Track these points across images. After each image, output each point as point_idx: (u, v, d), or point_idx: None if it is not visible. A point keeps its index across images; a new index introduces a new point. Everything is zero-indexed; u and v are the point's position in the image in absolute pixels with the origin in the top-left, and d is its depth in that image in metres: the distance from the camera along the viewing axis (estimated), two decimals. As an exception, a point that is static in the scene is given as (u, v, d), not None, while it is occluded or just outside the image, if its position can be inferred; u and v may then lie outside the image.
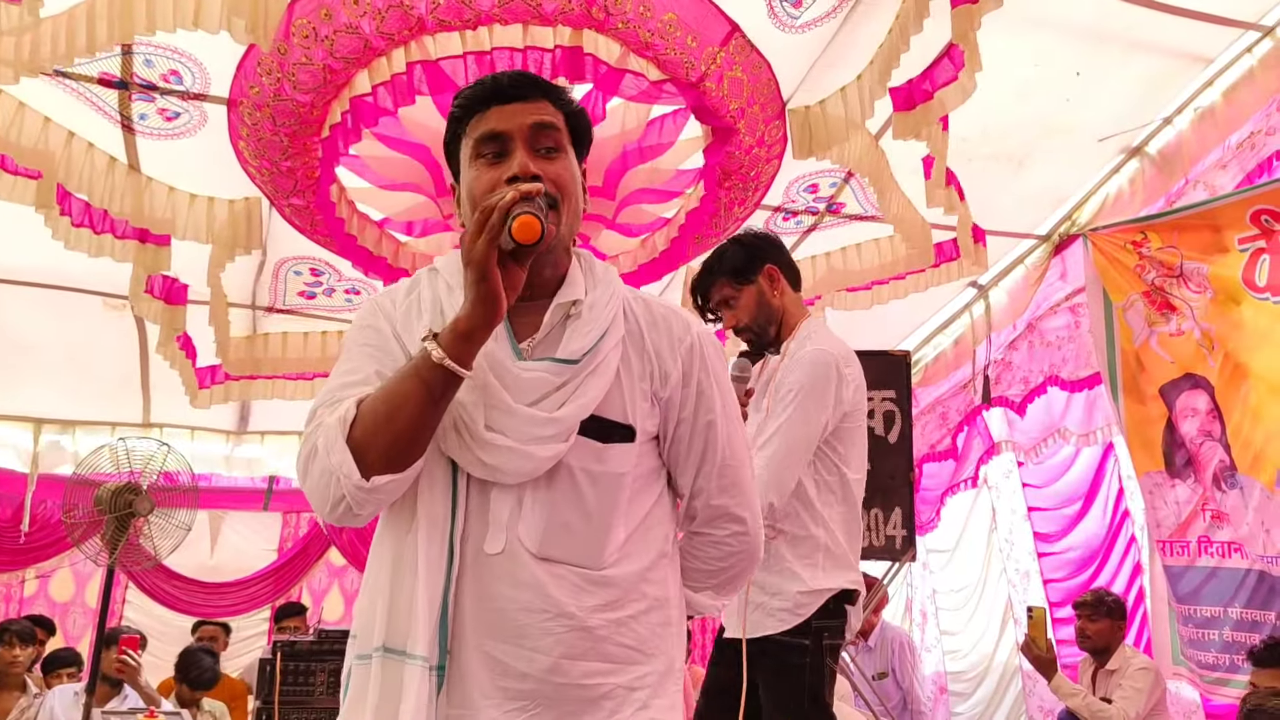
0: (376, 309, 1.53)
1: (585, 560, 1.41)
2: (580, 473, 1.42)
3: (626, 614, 1.43)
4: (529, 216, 1.30)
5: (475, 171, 1.47)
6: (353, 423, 1.35)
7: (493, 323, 1.34)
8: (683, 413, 1.53)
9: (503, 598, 1.38)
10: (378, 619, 1.39)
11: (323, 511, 1.40)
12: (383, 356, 1.47)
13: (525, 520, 1.40)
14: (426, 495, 1.40)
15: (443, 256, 1.57)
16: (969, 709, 7.14)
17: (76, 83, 3.87)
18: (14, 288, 5.22)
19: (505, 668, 1.37)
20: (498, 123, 1.46)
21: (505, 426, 1.38)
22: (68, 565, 7.25)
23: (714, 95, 3.81)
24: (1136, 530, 5.74)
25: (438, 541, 1.38)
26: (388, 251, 4.63)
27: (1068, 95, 4.39)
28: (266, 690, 4.44)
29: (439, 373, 1.32)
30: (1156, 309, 4.60)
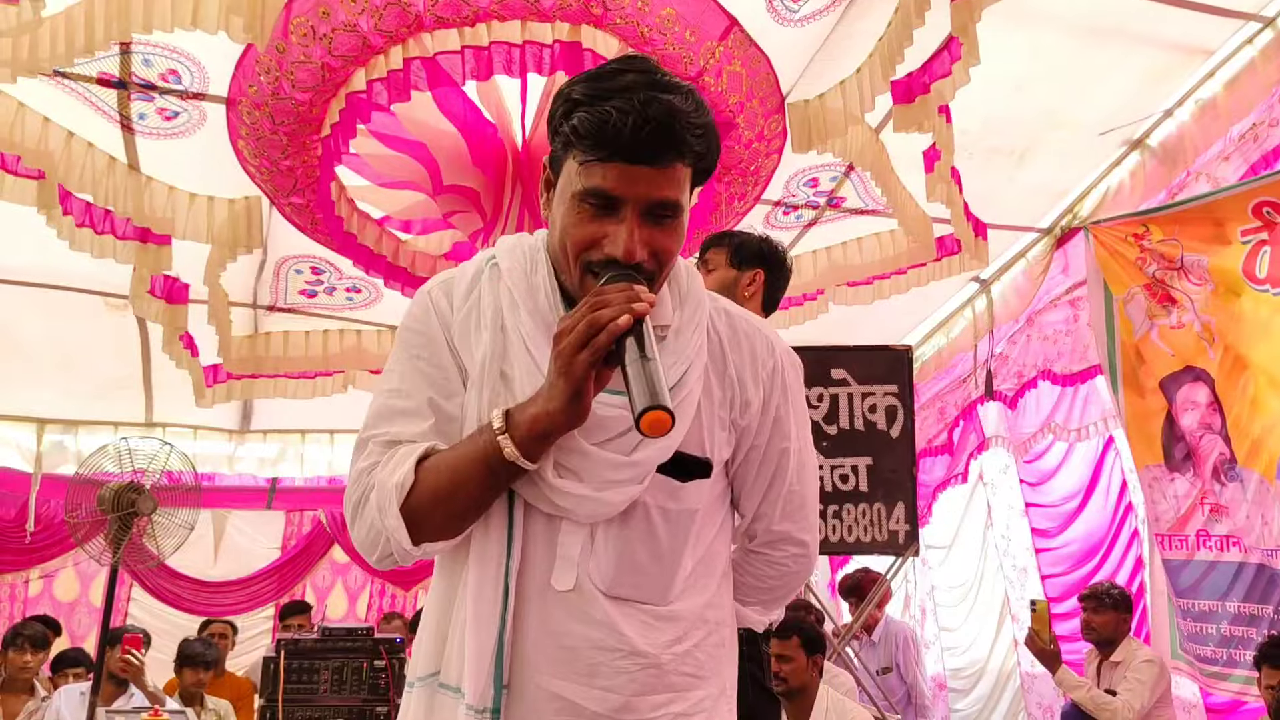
0: (430, 309, 1.40)
1: (653, 598, 1.36)
2: (655, 510, 1.35)
3: (691, 644, 1.38)
4: (662, 415, 1.15)
5: (575, 214, 1.30)
6: (409, 491, 1.29)
7: (574, 427, 1.26)
8: (757, 439, 1.45)
9: (573, 635, 1.32)
10: (428, 647, 1.36)
11: (369, 557, 1.37)
12: (437, 377, 1.37)
13: (596, 558, 1.33)
14: (481, 532, 1.33)
15: (506, 247, 1.42)
16: (968, 705, 7.14)
17: (75, 83, 3.87)
18: (15, 288, 5.23)
19: (574, 707, 1.31)
20: (615, 186, 1.26)
21: (578, 468, 1.30)
22: (72, 565, 7.26)
23: (713, 90, 3.80)
24: (1139, 524, 5.73)
25: (490, 580, 1.31)
26: (388, 249, 4.63)
27: (1068, 88, 4.38)
28: (271, 688, 4.44)
29: (508, 465, 1.26)
30: (1157, 301, 4.59)
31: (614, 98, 1.24)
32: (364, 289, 5.44)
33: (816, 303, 5.32)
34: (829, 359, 4.83)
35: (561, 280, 1.36)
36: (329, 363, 5.61)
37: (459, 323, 1.37)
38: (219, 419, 6.80)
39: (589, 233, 1.29)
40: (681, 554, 1.37)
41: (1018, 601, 6.72)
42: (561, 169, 1.33)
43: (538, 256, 1.39)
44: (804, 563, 1.56)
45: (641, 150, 1.25)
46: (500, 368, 1.34)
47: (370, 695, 4.54)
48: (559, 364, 1.22)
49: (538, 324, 1.33)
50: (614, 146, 1.24)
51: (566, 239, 1.30)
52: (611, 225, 1.28)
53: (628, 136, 1.23)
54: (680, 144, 1.27)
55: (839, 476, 4.75)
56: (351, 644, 4.60)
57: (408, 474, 1.29)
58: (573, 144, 1.28)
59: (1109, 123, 4.62)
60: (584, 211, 1.29)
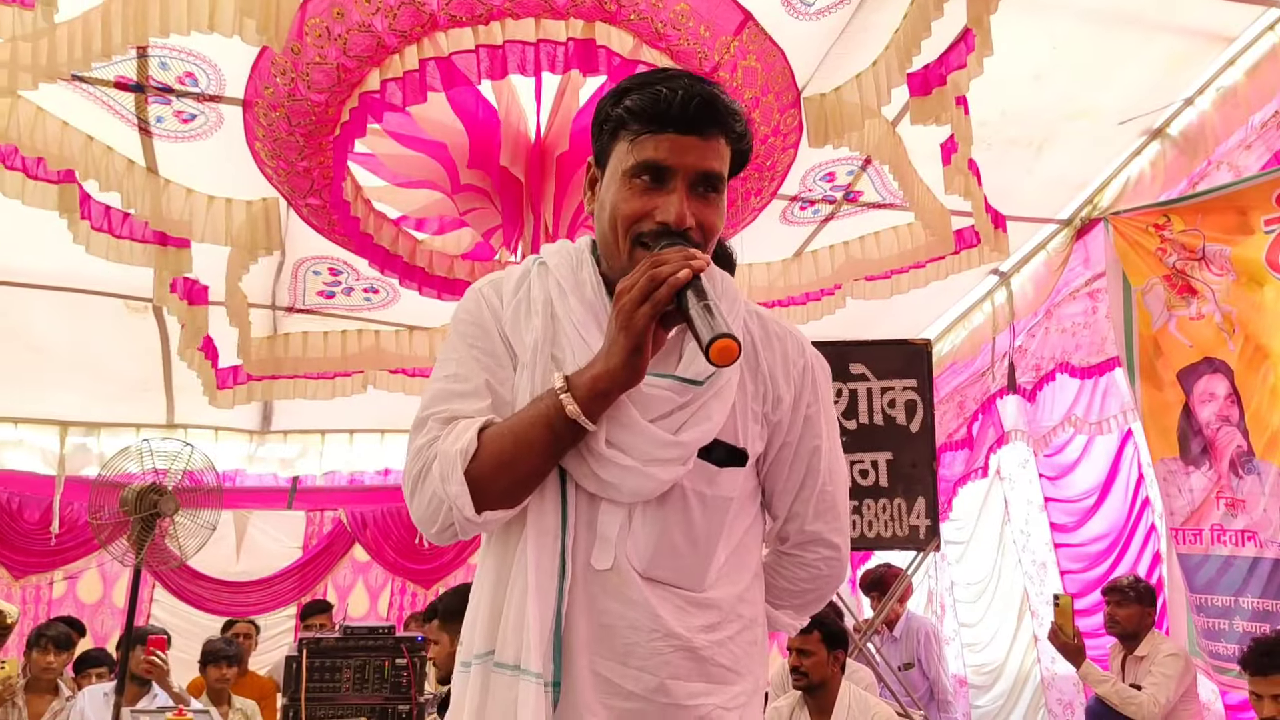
0: (482, 302, 1.48)
1: (689, 583, 1.40)
2: (692, 495, 1.39)
3: (725, 635, 1.41)
4: (730, 342, 1.23)
5: (626, 191, 1.38)
6: (473, 456, 1.34)
7: (633, 384, 1.32)
8: (788, 436, 1.50)
9: (611, 614, 1.36)
10: (482, 627, 1.39)
11: (427, 531, 1.40)
12: (491, 363, 1.44)
13: (634, 539, 1.37)
14: (536, 506, 1.37)
15: (551, 250, 1.51)
16: (989, 702, 7.10)
17: (93, 86, 3.89)
18: (36, 291, 5.27)
19: (613, 686, 1.35)
20: (668, 155, 1.36)
21: (627, 444, 1.34)
22: (95, 566, 7.31)
23: (728, 85, 3.78)
24: (1156, 519, 5.69)
25: (549, 554, 1.35)
26: (404, 249, 4.64)
27: (1087, 77, 4.35)
28: (294, 687, 4.46)
29: (570, 425, 1.32)
30: (1177, 292, 4.56)
31: (662, 82, 1.38)
32: (381, 289, 5.45)
33: (834, 298, 5.30)
34: (847, 354, 4.81)
35: (605, 274, 1.45)
36: (347, 363, 5.62)
37: (510, 313, 1.45)
38: (239, 420, 6.83)
39: (640, 205, 1.37)
40: (716, 541, 1.41)
41: (1037, 597, 6.68)
42: (609, 159, 1.43)
43: (583, 256, 1.48)
44: (836, 566, 1.59)
45: (690, 121, 1.36)
46: (551, 351, 1.40)
47: (392, 694, 4.55)
48: (620, 319, 1.29)
49: (586, 311, 1.41)
50: (665, 119, 1.36)
51: (618, 215, 1.39)
52: (661, 197, 1.37)
53: (677, 108, 1.35)
54: (722, 119, 1.38)
55: (859, 472, 4.74)
56: (373, 642, 4.61)
57: (471, 440, 1.34)
58: (625, 124, 1.39)
59: (1128, 112, 4.59)
60: (635, 186, 1.38)
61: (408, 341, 5.65)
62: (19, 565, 6.95)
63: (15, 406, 6.30)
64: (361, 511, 8.06)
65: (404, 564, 8.10)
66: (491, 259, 4.86)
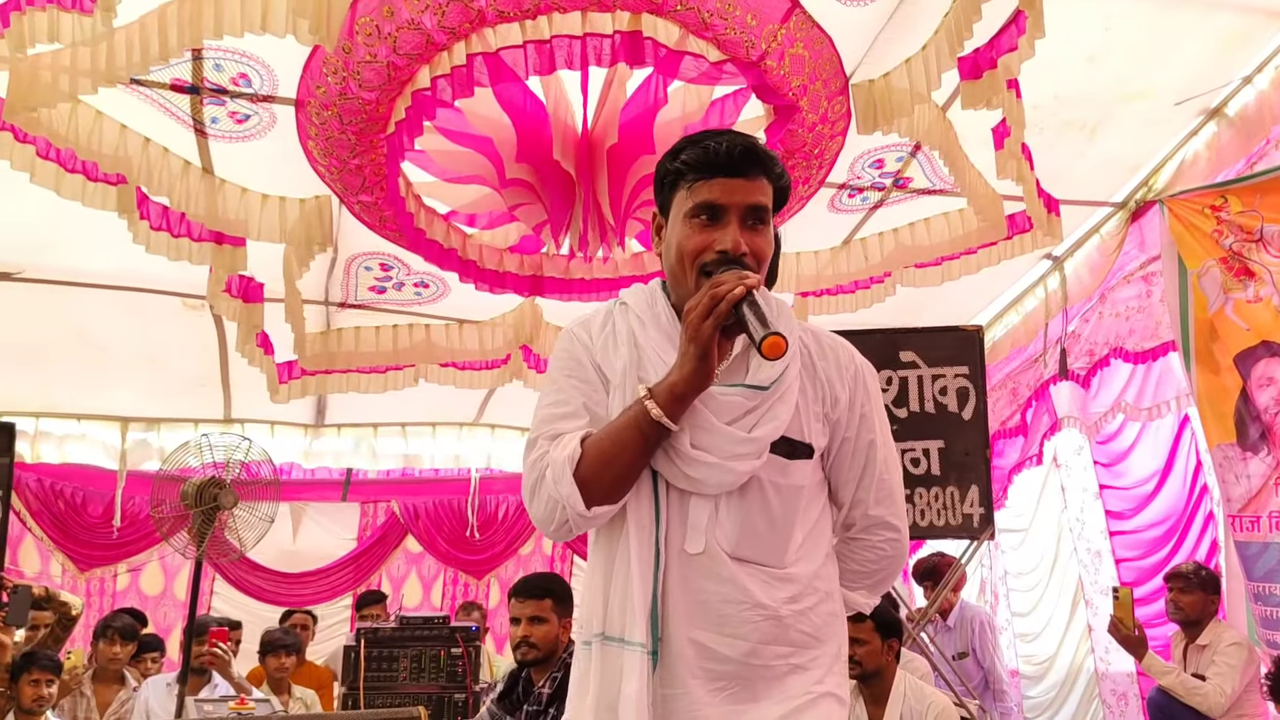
0: (575, 341, 1.76)
1: (771, 560, 1.64)
2: (768, 485, 1.64)
3: (806, 606, 1.65)
4: (778, 338, 1.49)
5: (688, 230, 1.66)
6: (579, 461, 1.59)
7: (705, 388, 1.57)
8: (847, 432, 1.74)
9: (706, 591, 1.60)
10: (595, 611, 1.64)
11: (546, 530, 1.65)
12: (587, 389, 1.71)
13: (721, 525, 1.62)
14: (634, 504, 1.63)
15: (629, 292, 1.81)
16: (1041, 693, 7.02)
17: (150, 89, 3.96)
18: (97, 291, 5.38)
19: (710, 652, 1.59)
20: (720, 196, 1.64)
21: (709, 444, 1.59)
22: (157, 559, 7.46)
23: (775, 74, 3.78)
24: (1214, 506, 5.58)
25: (646, 543, 1.60)
26: (455, 244, 4.68)
27: (1141, 58, 4.26)
28: (352, 676, 4.53)
29: (655, 427, 1.56)
30: (1234, 275, 4.46)
31: (710, 138, 1.67)
32: (432, 284, 5.50)
33: (883, 285, 5.26)
34: (897, 341, 4.78)
35: (675, 304, 1.72)
36: (399, 357, 5.69)
37: (599, 346, 1.73)
38: (294, 414, 6.94)
39: (701, 241, 1.64)
40: (793, 524, 1.66)
41: (1091, 586, 6.59)
42: (671, 207, 1.71)
43: (655, 293, 1.77)
44: (898, 547, 1.82)
45: (736, 166, 1.64)
46: (637, 374, 1.67)
47: (448, 682, 4.61)
48: (689, 332, 1.55)
49: (662, 337, 1.69)
50: (716, 165, 1.64)
51: (684, 251, 1.66)
52: (719, 231, 1.64)
53: (724, 156, 1.64)
54: (762, 162, 1.67)
55: (910, 460, 4.71)
56: (429, 632, 4.68)
57: (575, 448, 1.61)
58: (683, 175, 1.68)
59: (1184, 92, 4.50)
60: (695, 225, 1.65)
61: (458, 335, 5.71)
62: (84, 558, 7.12)
63: (78, 402, 6.45)
64: (414, 503, 8.16)
65: (456, 555, 8.19)
66: (539, 252, 4.89)
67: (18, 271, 5.19)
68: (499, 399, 7.15)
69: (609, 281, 4.99)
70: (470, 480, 8.11)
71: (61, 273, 5.23)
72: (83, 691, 5.11)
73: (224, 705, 4.24)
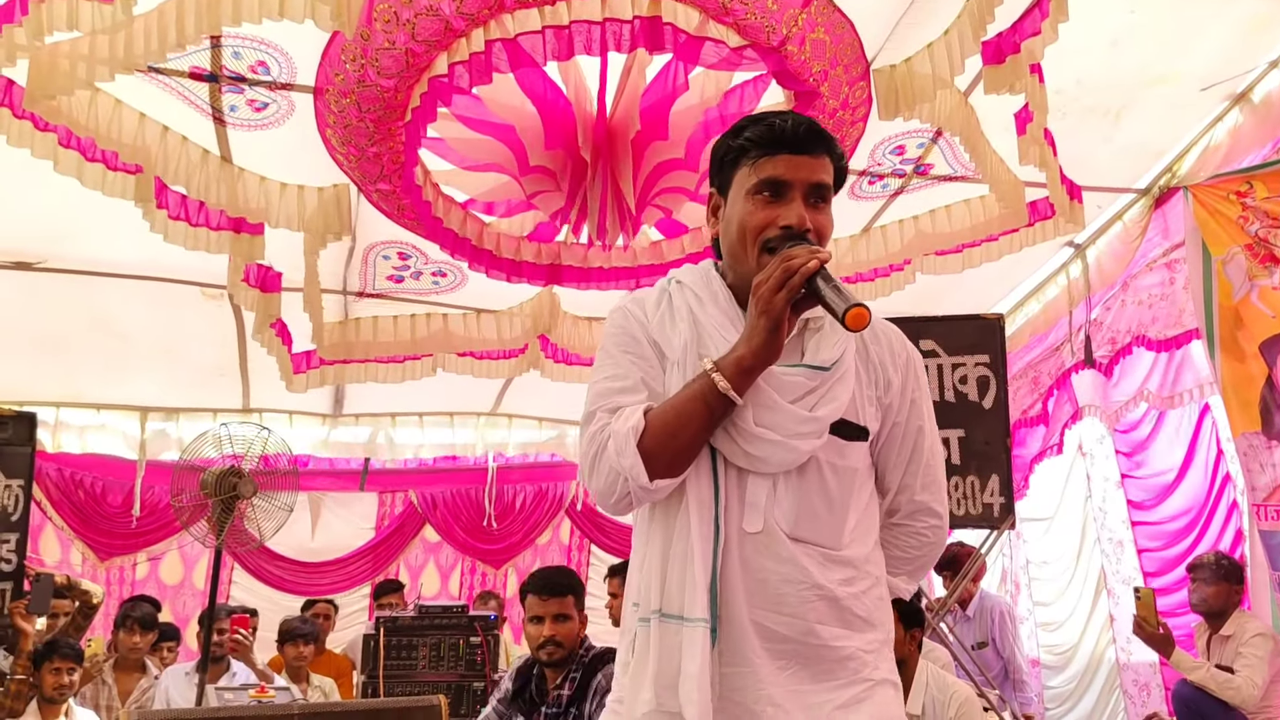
0: (629, 317, 1.75)
1: (828, 541, 1.63)
2: (826, 466, 1.64)
3: (860, 589, 1.65)
4: (863, 309, 1.47)
5: (751, 206, 1.65)
6: (643, 433, 1.58)
7: (773, 362, 1.57)
8: (898, 417, 1.75)
9: (764, 570, 1.60)
10: (654, 588, 1.62)
11: (605, 504, 1.65)
12: (644, 364, 1.70)
13: (780, 505, 1.61)
14: (693, 483, 1.61)
15: (683, 271, 1.79)
16: (1063, 683, 6.98)
17: (169, 77, 3.96)
18: (117, 280, 5.39)
19: (769, 631, 1.59)
20: (785, 171, 1.64)
21: (772, 423, 1.59)
22: (176, 548, 7.50)
23: (796, 59, 3.74)
24: (1238, 495, 5.53)
25: (706, 521, 1.59)
26: (472, 233, 4.67)
27: (1166, 42, 4.21)
28: (372, 665, 4.54)
29: (721, 400, 1.56)
30: (1259, 261, 4.41)
31: (774, 116, 1.68)
32: (449, 273, 5.49)
33: (903, 273, 5.22)
34: (917, 329, 4.72)
35: (731, 285, 1.72)
36: (417, 346, 5.68)
37: (656, 322, 1.72)
38: (312, 404, 6.95)
39: (764, 217, 1.64)
40: (848, 506, 1.66)
41: (1114, 576, 6.55)
42: (731, 185, 1.70)
43: (710, 273, 1.76)
44: (940, 534, 1.84)
45: (801, 142, 1.64)
46: (698, 351, 1.65)
47: (467, 671, 4.63)
48: (760, 305, 1.54)
49: (722, 315, 1.68)
50: (782, 142, 1.64)
51: (745, 228, 1.66)
52: (782, 207, 1.64)
53: (790, 132, 1.64)
54: (826, 140, 1.68)
55: (930, 450, 4.67)
56: (448, 621, 4.69)
57: (639, 419, 1.59)
58: (746, 152, 1.67)
59: (1208, 78, 4.44)
60: (758, 201, 1.65)
61: (475, 324, 5.70)
62: (104, 547, 7.16)
63: (98, 392, 6.48)
64: (431, 493, 8.17)
65: (474, 544, 8.20)
66: (553, 240, 4.87)
67: (38, 262, 5.21)
68: (516, 388, 7.14)
69: (627, 270, 4.97)
70: (488, 470, 8.12)
71: (81, 263, 5.25)
72: (104, 680, 5.14)
73: (245, 694, 4.25)
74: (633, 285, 5.16)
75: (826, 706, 1.59)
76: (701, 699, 1.52)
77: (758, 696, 1.57)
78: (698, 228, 4.84)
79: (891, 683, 1.68)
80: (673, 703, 1.56)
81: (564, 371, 6.19)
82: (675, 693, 1.56)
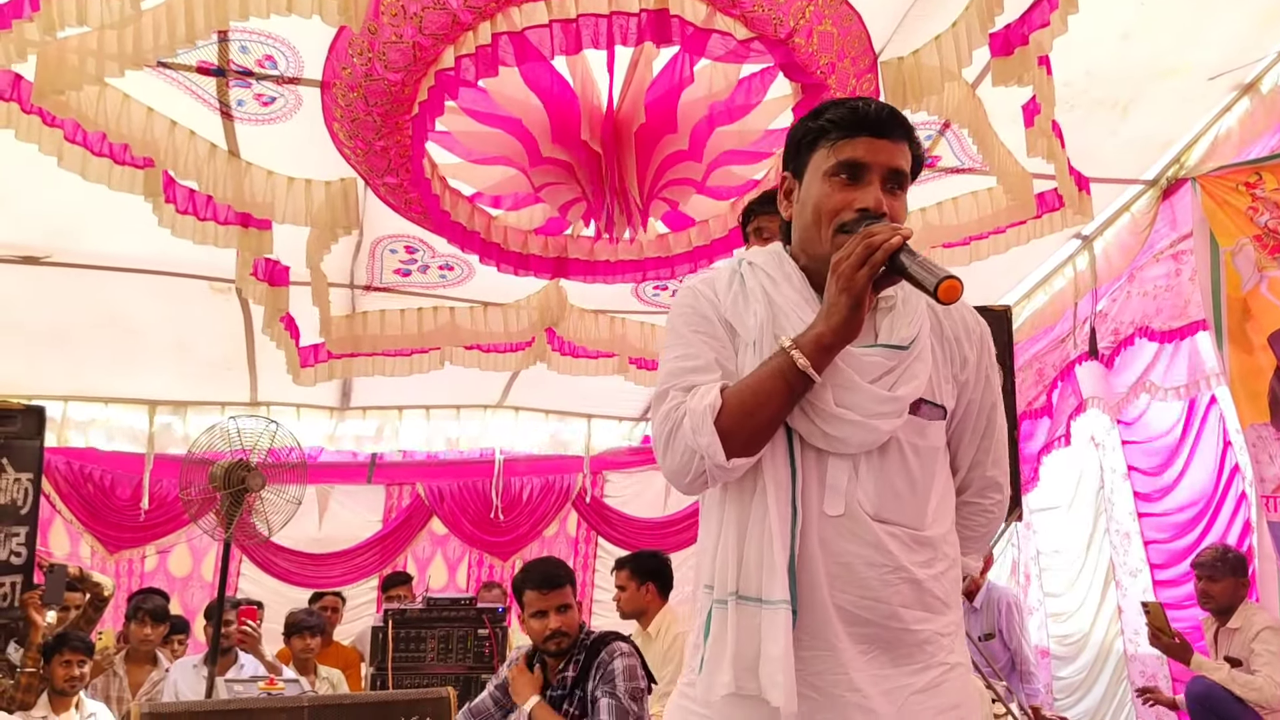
0: (700, 297, 1.73)
1: (912, 522, 1.62)
2: (907, 446, 1.62)
3: (939, 570, 1.64)
4: (955, 281, 1.45)
5: (829, 188, 1.64)
6: (720, 411, 1.56)
7: (852, 340, 1.56)
8: (974, 393, 1.75)
9: (847, 553, 1.58)
10: (730, 570, 1.60)
11: (679, 483, 1.62)
12: (716, 344, 1.68)
13: (863, 487, 1.60)
14: (769, 464, 1.59)
15: (753, 253, 1.78)
16: (1072, 674, 6.98)
17: (176, 72, 3.96)
18: (125, 275, 5.40)
19: (851, 615, 1.57)
20: (865, 154, 1.62)
21: (852, 403, 1.57)
22: (185, 541, 7.53)
23: (803, 51, 3.73)
24: (1246, 486, 5.53)
25: (784, 502, 1.58)
26: (480, 226, 4.67)
27: (1175, 33, 4.19)
28: (380, 657, 4.56)
29: (800, 378, 1.55)
30: (1268, 253, 4.40)
31: (857, 100, 1.66)
32: (457, 266, 5.50)
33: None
34: (925, 322, 4.72)
35: (803, 268, 1.70)
36: (424, 340, 5.70)
37: (729, 302, 1.70)
38: (320, 397, 6.97)
39: (841, 199, 1.63)
40: (931, 486, 1.66)
41: (1121, 568, 6.55)
42: (808, 167, 1.69)
43: (781, 254, 1.75)
44: (1002, 509, 1.84)
45: (883, 126, 1.63)
46: (773, 331, 1.63)
47: (475, 663, 4.64)
48: (840, 282, 1.52)
49: (797, 296, 1.67)
50: (862, 124, 1.63)
51: (821, 210, 1.64)
52: (859, 190, 1.62)
53: (873, 116, 1.64)
54: (907, 128, 1.67)
55: (935, 440, 4.66)
56: (456, 613, 4.70)
57: (716, 397, 1.58)
58: (825, 134, 1.66)
59: (1218, 68, 4.42)
60: (836, 184, 1.63)
61: (483, 318, 5.71)
62: (113, 540, 7.20)
63: (106, 386, 6.51)
64: (438, 485, 8.19)
65: (481, 536, 8.22)
66: (562, 233, 4.87)
67: (45, 256, 5.22)
68: (523, 381, 7.15)
69: (634, 264, 4.97)
70: (495, 462, 8.14)
71: (89, 257, 5.26)
72: (115, 672, 5.16)
73: (254, 686, 4.26)
74: (640, 278, 5.16)
75: (906, 691, 1.58)
76: (786, 681, 1.51)
77: (837, 680, 1.56)
78: (704, 221, 4.84)
79: (965, 666, 1.68)
80: (751, 685, 1.55)
81: (571, 364, 6.20)
82: (754, 675, 1.55)
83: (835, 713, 1.55)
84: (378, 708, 3.76)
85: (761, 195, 3.04)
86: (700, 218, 4.84)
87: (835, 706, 1.55)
